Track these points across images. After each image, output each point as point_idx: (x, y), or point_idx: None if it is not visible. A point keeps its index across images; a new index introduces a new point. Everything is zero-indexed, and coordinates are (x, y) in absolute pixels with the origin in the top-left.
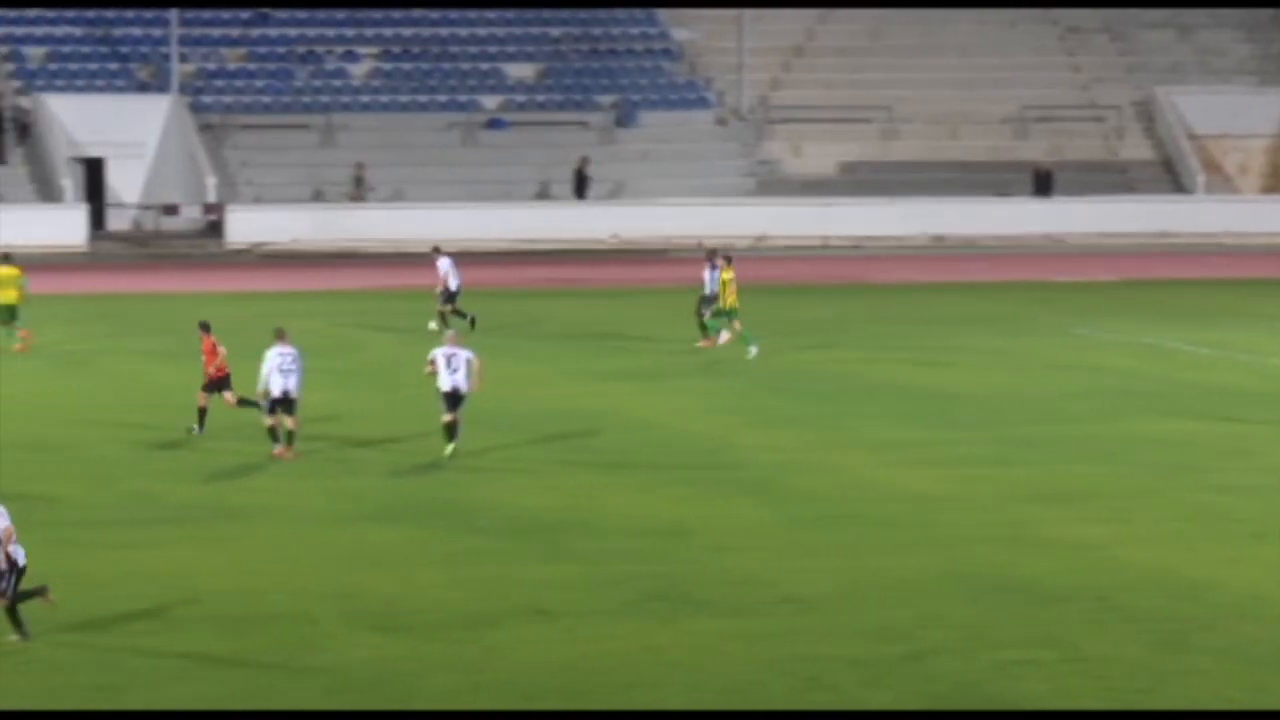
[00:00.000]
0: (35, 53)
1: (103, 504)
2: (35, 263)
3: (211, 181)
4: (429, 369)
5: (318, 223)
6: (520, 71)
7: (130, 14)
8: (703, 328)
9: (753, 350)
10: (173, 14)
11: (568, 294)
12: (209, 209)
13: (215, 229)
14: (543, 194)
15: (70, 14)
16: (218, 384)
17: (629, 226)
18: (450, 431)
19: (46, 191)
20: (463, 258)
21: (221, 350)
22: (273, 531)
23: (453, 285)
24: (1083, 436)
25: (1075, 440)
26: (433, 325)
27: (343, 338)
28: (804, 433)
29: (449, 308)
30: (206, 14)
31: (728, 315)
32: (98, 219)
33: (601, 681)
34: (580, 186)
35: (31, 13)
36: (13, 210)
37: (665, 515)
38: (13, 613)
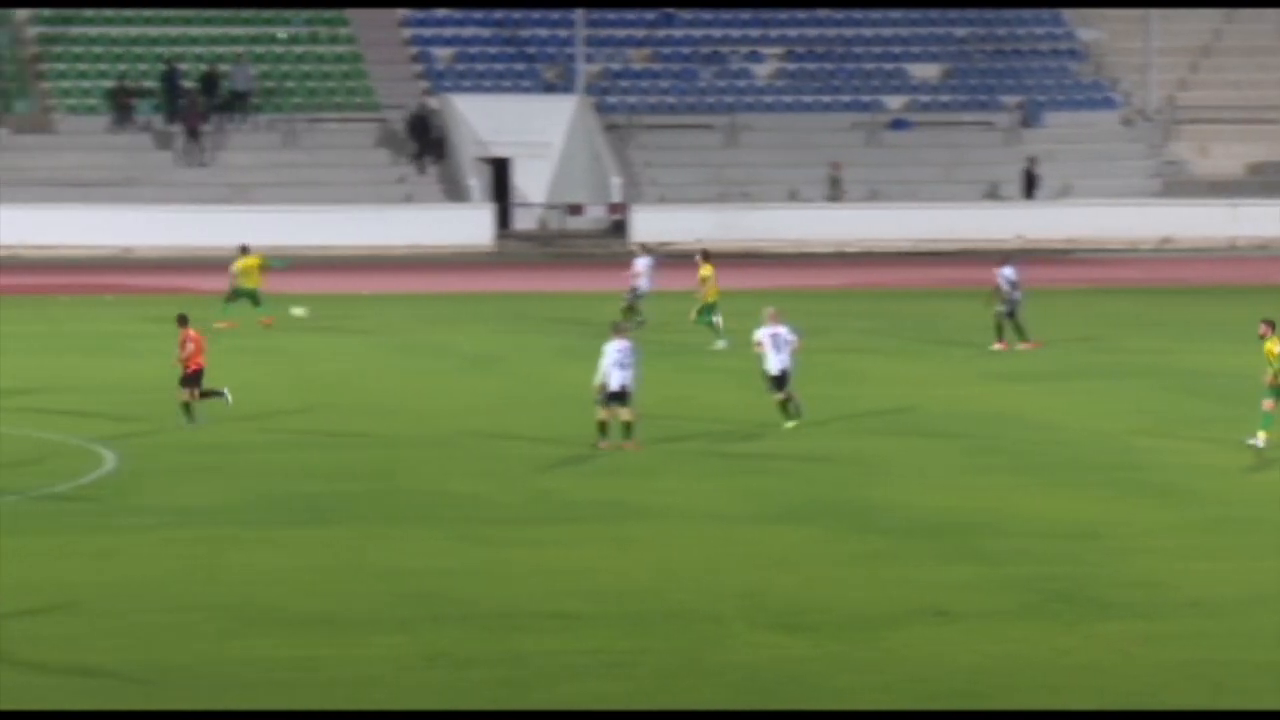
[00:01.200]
0: (443, 54)
1: (510, 502)
2: (443, 262)
3: (616, 181)
4: (757, 349)
5: (721, 222)
6: (924, 72)
7: (537, 15)
8: (998, 329)
9: (721, 344)
10: (578, 15)
11: (969, 294)
12: (613, 209)
13: (619, 229)
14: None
15: (478, 15)
16: (191, 378)
17: (1033, 227)
18: (786, 408)
19: (454, 192)
20: (862, 258)
21: (190, 347)
22: (676, 530)
23: (644, 287)
24: None
25: None
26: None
27: (747, 337)
28: (1208, 434)
29: (634, 304)
30: (612, 15)
31: (709, 310)
32: (504, 219)
33: (1002, 684)
34: (1030, 185)
35: (440, 14)
36: (422, 210)
37: (1068, 517)
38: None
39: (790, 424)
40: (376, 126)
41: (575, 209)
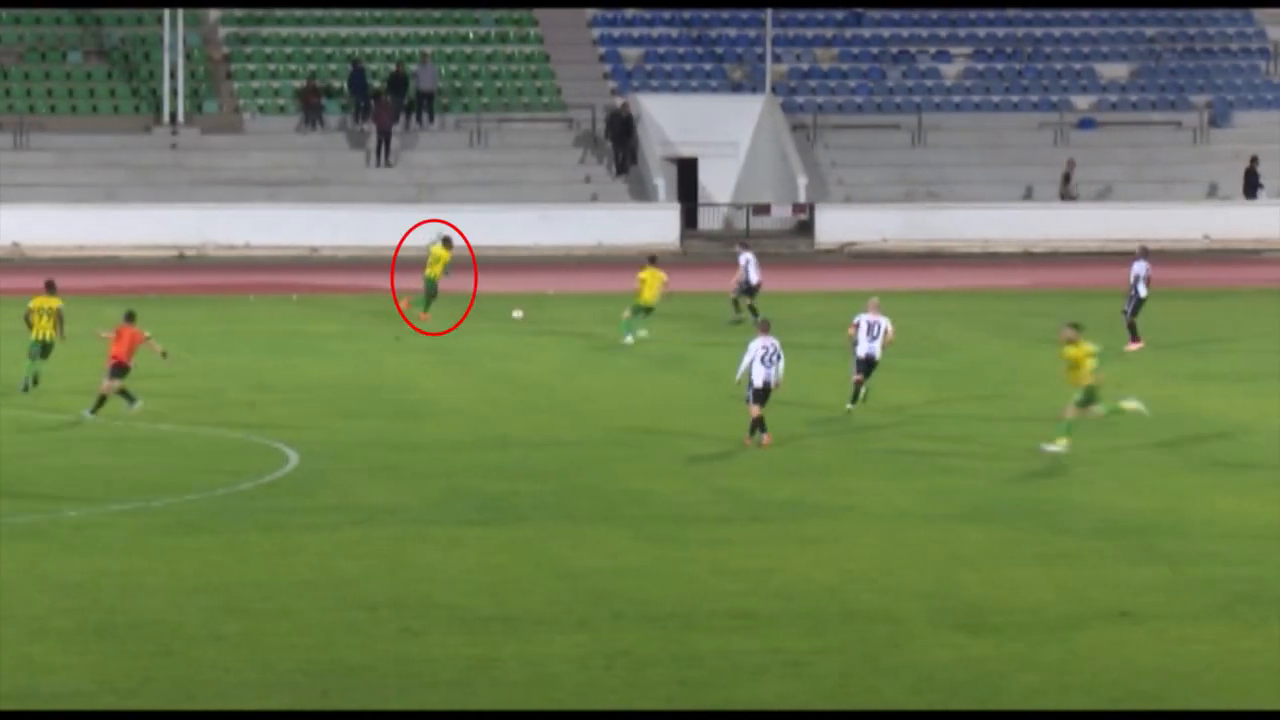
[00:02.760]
0: (631, 54)
1: (693, 500)
2: (629, 262)
3: (802, 181)
4: (851, 331)
5: (907, 222)
6: (1113, 71)
7: (725, 15)
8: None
9: (628, 339)
10: (767, 14)
11: (1160, 294)
12: (799, 208)
13: (805, 228)
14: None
15: (666, 15)
16: (116, 370)
17: (1219, 227)
18: (857, 391)
19: (640, 192)
20: (1049, 258)
21: (122, 343)
22: (860, 530)
23: (753, 279)
24: None
25: None
26: (735, 316)
27: (934, 338)
28: None
29: (747, 300)
30: (800, 14)
31: (645, 311)
32: (690, 218)
33: (1186, 686)
34: (1251, 186)
35: (628, 14)
36: (608, 210)
37: (1258, 518)
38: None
39: (850, 406)
40: (564, 126)
41: (761, 209)
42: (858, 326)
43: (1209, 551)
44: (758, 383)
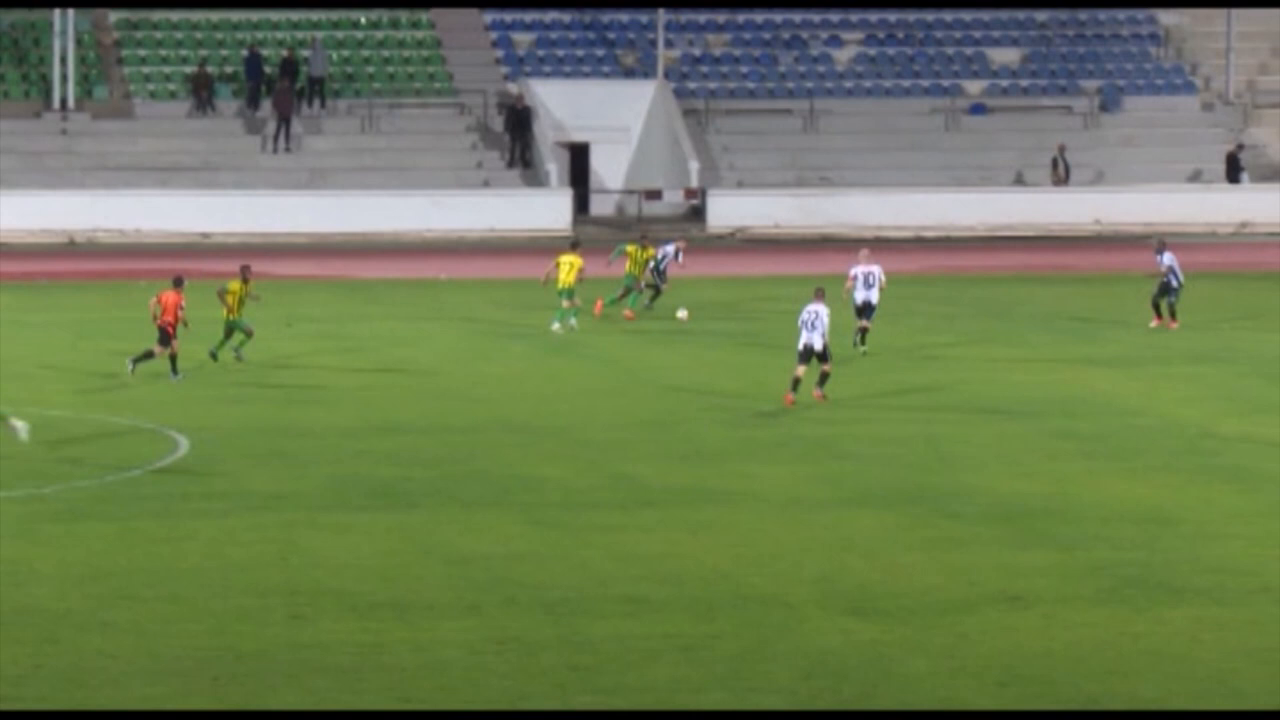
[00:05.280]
0: (523, 39)
1: (586, 486)
2: (520, 247)
3: (694, 166)
4: (849, 283)
5: (799, 207)
6: (1004, 56)
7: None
8: (1155, 308)
9: (555, 326)
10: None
11: (1048, 279)
12: (691, 193)
13: (697, 213)
14: (1018, 180)
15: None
16: (165, 335)
17: (1111, 212)
18: (863, 336)
19: (532, 176)
20: (940, 243)
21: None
22: (752, 515)
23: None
24: None
25: None
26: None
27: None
28: None
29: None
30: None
31: (568, 295)
32: (582, 203)
33: (1074, 669)
34: (1233, 170)
35: None
36: (500, 195)
37: (1144, 502)
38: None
39: (863, 349)
40: (455, 112)
41: (653, 194)
42: (855, 278)
43: (1097, 536)
44: (800, 345)
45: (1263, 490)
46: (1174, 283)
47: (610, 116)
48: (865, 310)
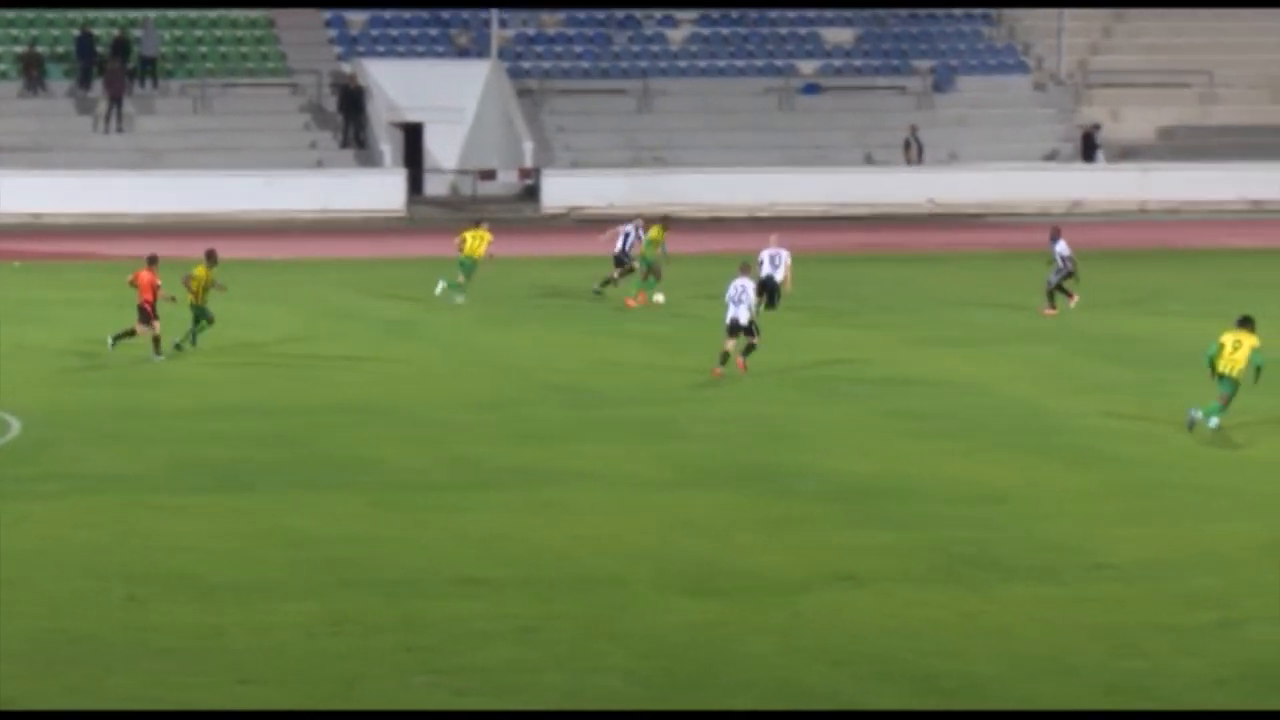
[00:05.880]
0: (355, 19)
1: (424, 467)
2: (354, 227)
3: (528, 146)
4: (759, 265)
5: (634, 187)
6: (837, 36)
7: None
8: (1050, 298)
9: (458, 299)
10: None
11: (885, 259)
12: (525, 173)
13: (531, 193)
14: (868, 159)
15: None
16: (147, 313)
17: (946, 192)
18: (772, 306)
19: (365, 156)
20: (774, 222)
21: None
22: (591, 496)
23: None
24: None
25: None
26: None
27: (665, 303)
28: (1122, 399)
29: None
30: None
31: (470, 267)
32: (416, 184)
33: (911, 647)
34: (1089, 150)
35: None
36: (334, 176)
37: (980, 481)
38: None
39: (770, 309)
40: (289, 91)
41: (487, 174)
42: (762, 261)
43: (932, 514)
44: (726, 318)
45: (1095, 469)
46: (1068, 266)
47: (444, 96)
48: (769, 287)
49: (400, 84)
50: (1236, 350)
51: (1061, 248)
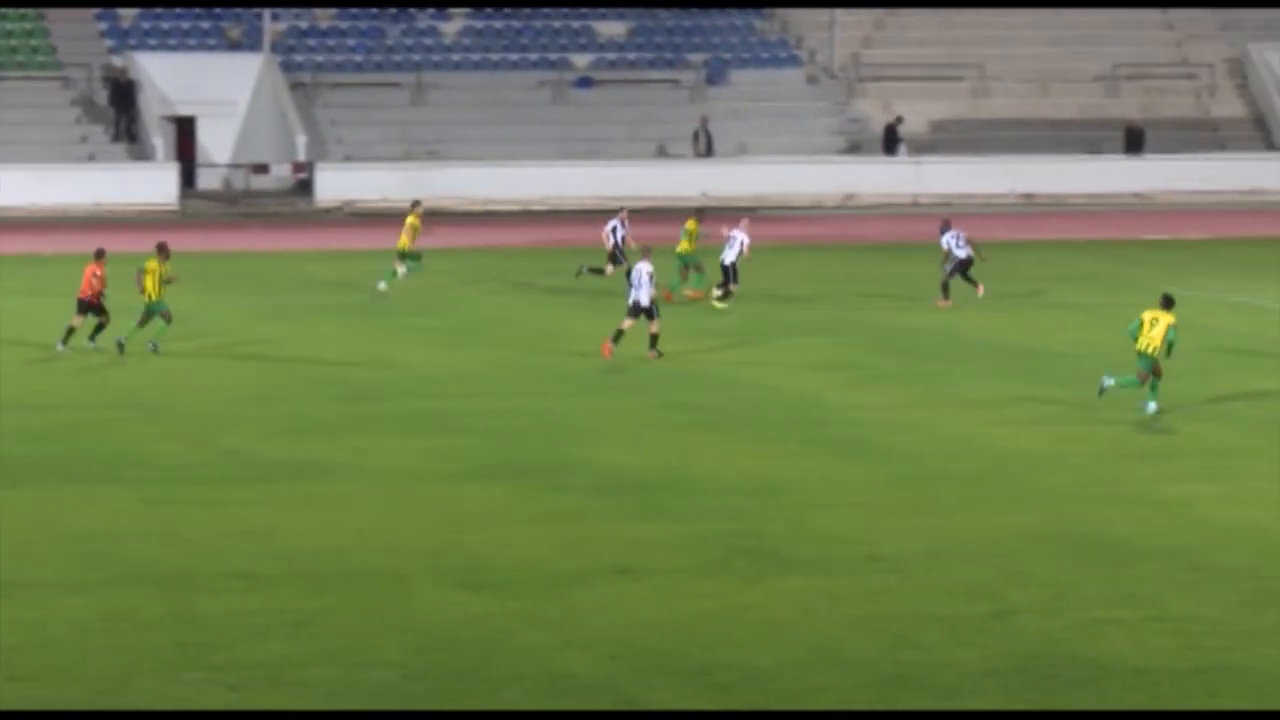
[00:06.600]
0: (126, 12)
1: (196, 462)
2: (127, 222)
3: (302, 140)
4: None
5: (408, 181)
6: (611, 29)
7: None
8: (944, 289)
9: (383, 284)
10: None
11: (657, 252)
12: (298, 167)
13: (305, 187)
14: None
15: None
16: (88, 306)
17: (719, 184)
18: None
19: (137, 150)
20: (547, 216)
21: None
22: (364, 489)
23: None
24: (1174, 394)
25: (1167, 398)
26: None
27: (435, 296)
28: (896, 390)
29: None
30: None
31: (407, 257)
32: (188, 178)
33: (685, 640)
34: (890, 143)
35: None
36: (105, 169)
37: (755, 473)
38: None
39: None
40: (60, 85)
41: (260, 168)
42: (729, 239)
43: (708, 507)
44: (629, 301)
45: (868, 460)
46: (964, 255)
47: (216, 90)
48: (731, 271)
49: (172, 77)
50: (1153, 328)
51: (951, 238)
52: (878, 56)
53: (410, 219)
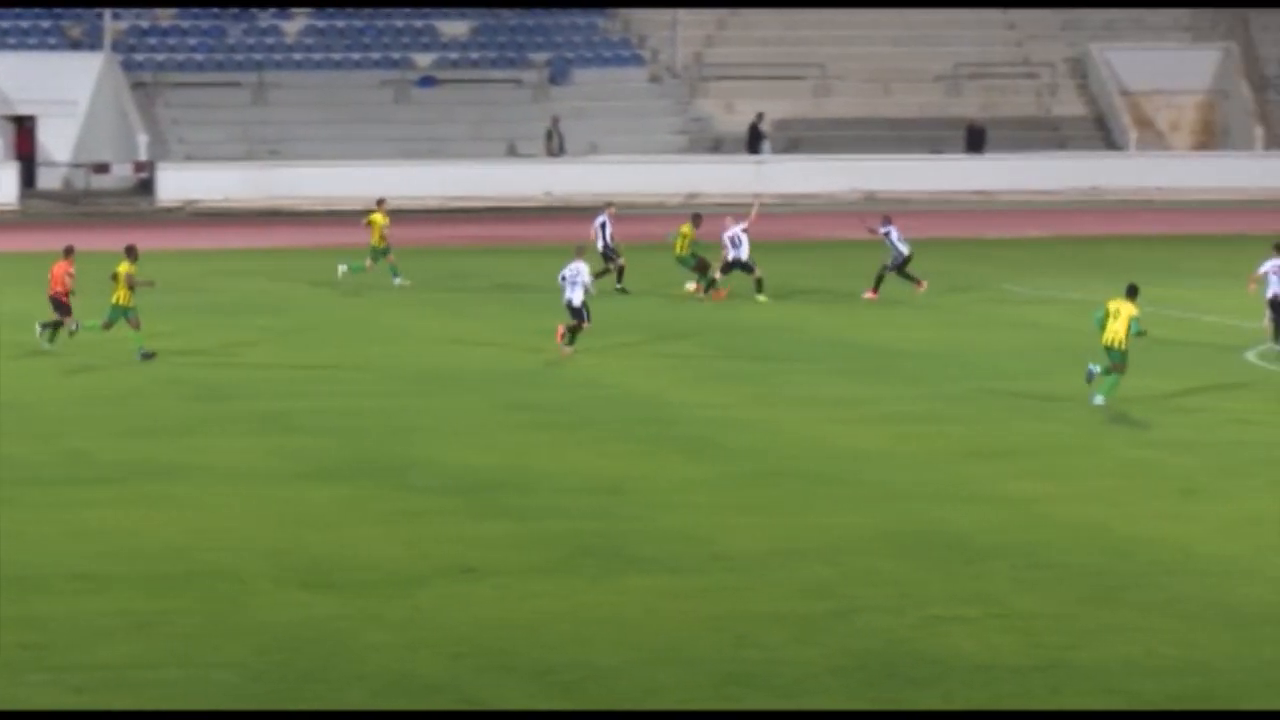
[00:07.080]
0: None
1: (39, 462)
2: None
3: (143, 139)
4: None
5: (249, 181)
6: (453, 29)
7: None
8: (877, 282)
9: (341, 269)
10: None
11: (500, 251)
12: (139, 167)
13: (146, 187)
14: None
15: None
16: (58, 303)
17: (562, 184)
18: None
19: None
20: (395, 216)
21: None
22: (207, 490)
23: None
24: (1016, 393)
25: (1009, 396)
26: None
27: (276, 295)
28: (741, 389)
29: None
30: None
31: (380, 254)
32: (28, 177)
33: (529, 639)
34: (754, 141)
35: None
36: None
37: (599, 472)
38: None
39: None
40: None
41: (101, 167)
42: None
43: (552, 506)
44: (562, 301)
45: (713, 459)
46: (905, 250)
47: (57, 89)
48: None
49: (11, 76)
50: (1116, 319)
51: (893, 233)
52: (720, 56)
53: (377, 216)
